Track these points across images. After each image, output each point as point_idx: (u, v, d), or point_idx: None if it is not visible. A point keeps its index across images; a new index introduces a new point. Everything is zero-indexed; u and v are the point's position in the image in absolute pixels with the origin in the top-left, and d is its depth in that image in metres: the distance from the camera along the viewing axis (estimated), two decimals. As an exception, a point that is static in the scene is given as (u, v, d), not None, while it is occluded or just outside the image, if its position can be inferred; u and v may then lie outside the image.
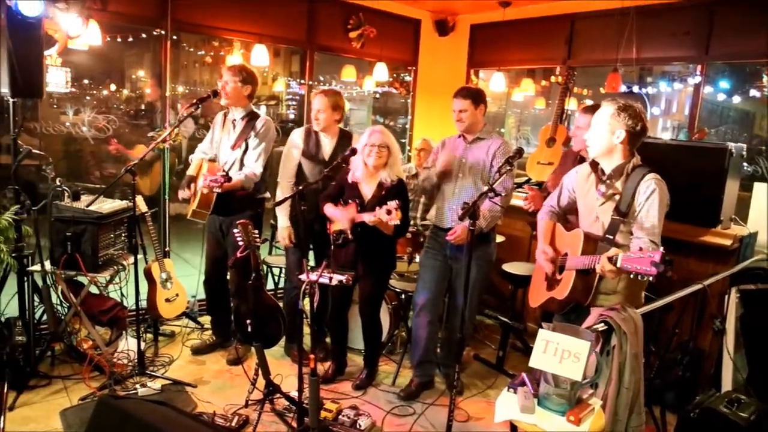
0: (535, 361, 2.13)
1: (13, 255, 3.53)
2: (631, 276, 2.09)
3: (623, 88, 4.99)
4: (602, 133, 2.48)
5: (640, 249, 2.11)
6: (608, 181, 2.53)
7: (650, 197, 2.40)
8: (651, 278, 2.04)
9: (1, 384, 2.00)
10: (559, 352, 2.08)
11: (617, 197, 2.49)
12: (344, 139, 3.91)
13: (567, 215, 2.92)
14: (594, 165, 2.63)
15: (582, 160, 3.38)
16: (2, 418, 1.80)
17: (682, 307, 3.13)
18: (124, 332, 3.98)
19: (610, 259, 2.19)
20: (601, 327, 2.34)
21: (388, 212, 3.09)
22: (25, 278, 3.63)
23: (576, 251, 2.51)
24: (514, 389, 2.28)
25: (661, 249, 2.05)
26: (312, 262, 3.94)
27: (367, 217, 3.27)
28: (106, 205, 3.64)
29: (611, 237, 2.45)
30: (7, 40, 3.15)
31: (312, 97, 3.90)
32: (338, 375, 3.85)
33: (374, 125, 3.57)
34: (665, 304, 2.81)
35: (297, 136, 3.92)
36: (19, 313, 3.72)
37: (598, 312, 2.47)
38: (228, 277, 4.07)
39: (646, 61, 4.94)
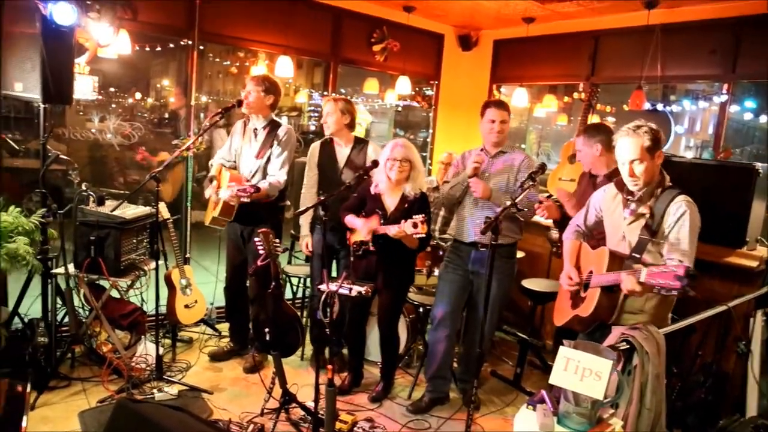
0: (556, 378, 2.11)
1: (38, 257, 3.59)
2: (654, 291, 2.07)
3: (647, 106, 4.95)
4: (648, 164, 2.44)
5: (665, 264, 2.09)
6: (638, 201, 2.51)
7: (681, 219, 2.38)
8: (676, 293, 2.01)
9: (24, 383, 2.02)
10: (580, 370, 2.05)
11: (647, 216, 2.47)
12: (359, 146, 3.94)
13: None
14: (620, 184, 2.61)
15: (593, 177, 3.38)
16: (25, 417, 1.82)
17: (705, 329, 3.08)
18: (143, 337, 4.01)
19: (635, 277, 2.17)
20: (623, 346, 2.31)
21: (414, 225, 3.07)
22: (49, 280, 3.69)
23: (601, 269, 2.49)
24: (533, 406, 2.26)
25: (686, 263, 2.02)
26: (334, 273, 3.96)
27: (392, 230, 3.26)
28: (130, 211, 3.68)
29: (638, 256, 2.42)
30: (41, 47, 3.22)
31: (323, 105, 3.94)
32: (354, 387, 3.84)
33: (397, 139, 3.58)
34: (688, 326, 2.76)
35: (315, 146, 4.02)
36: (42, 314, 3.78)
37: (619, 331, 2.44)
38: (248, 284, 4.09)
39: (671, 78, 4.91)
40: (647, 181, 2.47)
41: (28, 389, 2.01)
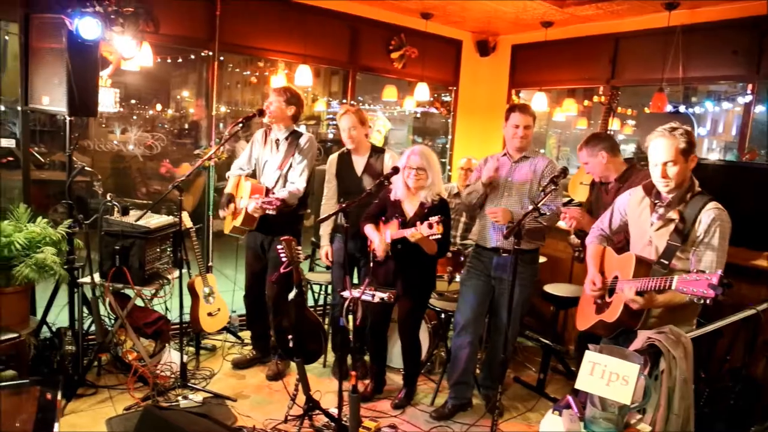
0: (582, 383, 2.08)
1: (65, 267, 3.65)
2: (687, 299, 2.04)
3: (669, 108, 4.90)
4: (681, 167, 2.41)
5: (698, 271, 2.06)
6: (666, 206, 2.48)
7: (713, 226, 2.35)
8: (708, 301, 1.99)
9: (54, 390, 2.06)
10: (607, 375, 2.03)
11: (675, 222, 2.44)
12: (375, 154, 3.95)
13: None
14: (648, 188, 2.58)
15: (603, 184, 3.38)
16: (56, 424, 1.86)
17: (733, 333, 3.02)
18: (167, 345, 4.06)
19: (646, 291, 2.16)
20: (649, 350, 2.27)
21: (430, 226, 3.07)
22: (76, 290, 3.75)
23: (627, 274, 2.46)
24: (559, 411, 2.23)
25: (719, 271, 1.99)
26: (355, 280, 3.97)
27: (408, 232, 3.26)
28: (153, 221, 3.72)
29: (666, 262, 2.39)
30: (67, 62, 3.29)
31: (338, 119, 3.92)
32: (377, 393, 3.84)
33: (413, 146, 3.58)
34: (715, 330, 2.71)
35: (333, 158, 4.05)
36: (69, 323, 3.84)
37: (646, 335, 2.41)
38: (266, 292, 4.12)
39: (693, 80, 4.85)
40: (678, 185, 2.43)
41: (59, 397, 2.04)
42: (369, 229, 3.55)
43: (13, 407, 2.02)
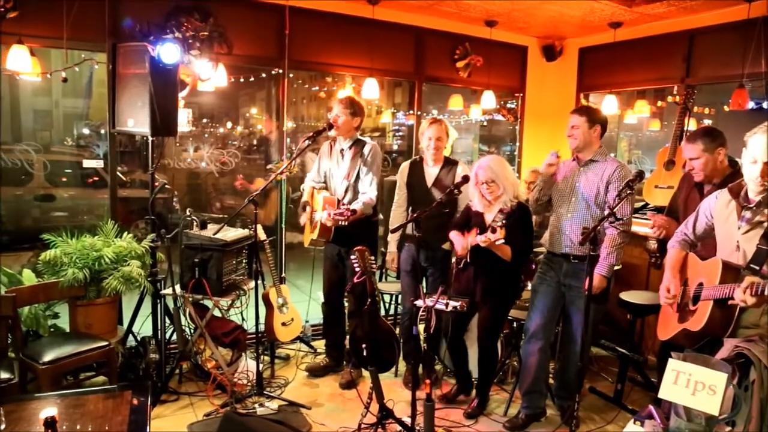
0: (665, 392, 2.00)
1: (149, 279, 3.86)
2: None
3: (751, 105, 4.65)
4: None
5: None
6: (755, 208, 2.36)
7: None
8: None
9: (145, 396, 2.18)
10: (692, 384, 1.94)
11: (765, 225, 2.31)
12: (448, 166, 3.96)
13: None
14: (734, 191, 2.46)
15: (700, 186, 3.17)
16: (148, 428, 1.96)
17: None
18: (243, 354, 4.19)
19: (751, 289, 2.05)
20: (737, 360, 2.16)
21: (493, 231, 3.10)
22: (158, 301, 3.95)
23: (713, 280, 2.34)
24: (641, 422, 2.16)
25: None
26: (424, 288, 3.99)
27: (479, 239, 3.28)
28: (230, 234, 3.85)
29: (757, 267, 2.26)
30: (150, 85, 3.50)
31: (426, 127, 3.94)
32: (463, 393, 3.89)
33: (480, 160, 3.57)
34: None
35: (405, 166, 4.10)
36: (153, 332, 4.05)
37: (732, 343, 2.28)
38: (345, 301, 4.19)
39: (778, 74, 4.59)
40: None
41: (149, 402, 2.16)
42: (453, 234, 3.59)
43: (109, 410, 2.15)
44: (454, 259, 3.58)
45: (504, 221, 3.14)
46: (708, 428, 2.01)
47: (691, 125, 5.82)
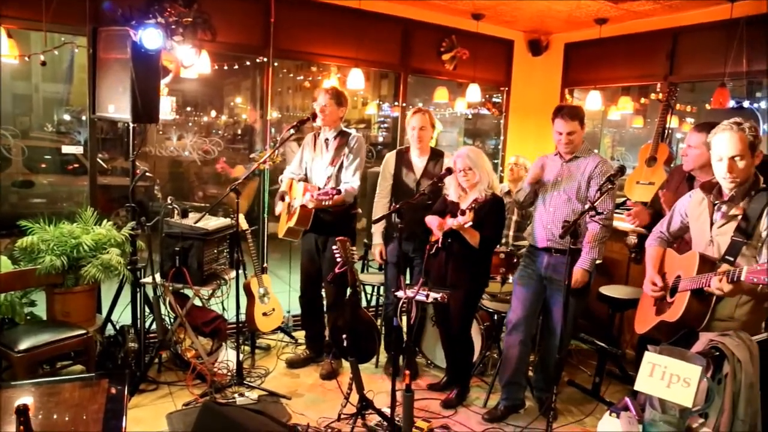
0: (641, 384, 2.02)
1: (128, 267, 3.82)
2: (759, 289, 1.97)
3: (732, 104, 4.71)
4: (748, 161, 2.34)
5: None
6: (730, 202, 2.41)
7: None
8: None
9: (121, 385, 2.16)
10: (667, 377, 1.97)
11: (739, 218, 2.35)
12: (435, 158, 3.97)
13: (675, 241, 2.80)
14: (707, 188, 2.51)
15: (691, 178, 3.22)
16: (124, 417, 1.95)
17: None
18: (223, 343, 4.17)
19: (727, 276, 2.10)
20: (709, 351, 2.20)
21: (462, 213, 3.20)
22: (138, 289, 3.91)
23: (691, 273, 2.39)
24: (617, 414, 2.18)
25: None
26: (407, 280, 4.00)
27: (450, 222, 3.35)
28: (211, 223, 3.82)
29: (731, 259, 2.31)
30: (131, 71, 3.44)
31: (410, 116, 3.95)
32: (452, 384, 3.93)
33: (460, 149, 3.60)
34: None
35: (390, 157, 4.08)
36: (132, 321, 4.00)
37: (708, 337, 2.32)
38: (323, 292, 4.18)
39: (758, 74, 4.64)
40: (743, 180, 2.35)
41: (126, 390, 2.14)
42: (429, 218, 3.62)
43: (85, 399, 2.13)
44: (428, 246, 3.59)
45: (473, 206, 3.20)
46: (682, 420, 2.03)
47: (674, 122, 5.89)
